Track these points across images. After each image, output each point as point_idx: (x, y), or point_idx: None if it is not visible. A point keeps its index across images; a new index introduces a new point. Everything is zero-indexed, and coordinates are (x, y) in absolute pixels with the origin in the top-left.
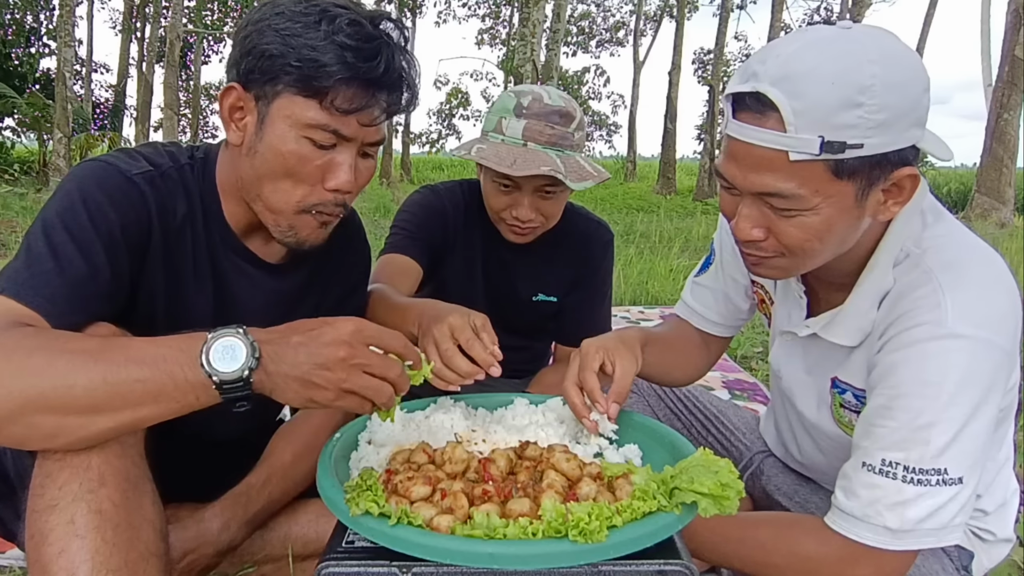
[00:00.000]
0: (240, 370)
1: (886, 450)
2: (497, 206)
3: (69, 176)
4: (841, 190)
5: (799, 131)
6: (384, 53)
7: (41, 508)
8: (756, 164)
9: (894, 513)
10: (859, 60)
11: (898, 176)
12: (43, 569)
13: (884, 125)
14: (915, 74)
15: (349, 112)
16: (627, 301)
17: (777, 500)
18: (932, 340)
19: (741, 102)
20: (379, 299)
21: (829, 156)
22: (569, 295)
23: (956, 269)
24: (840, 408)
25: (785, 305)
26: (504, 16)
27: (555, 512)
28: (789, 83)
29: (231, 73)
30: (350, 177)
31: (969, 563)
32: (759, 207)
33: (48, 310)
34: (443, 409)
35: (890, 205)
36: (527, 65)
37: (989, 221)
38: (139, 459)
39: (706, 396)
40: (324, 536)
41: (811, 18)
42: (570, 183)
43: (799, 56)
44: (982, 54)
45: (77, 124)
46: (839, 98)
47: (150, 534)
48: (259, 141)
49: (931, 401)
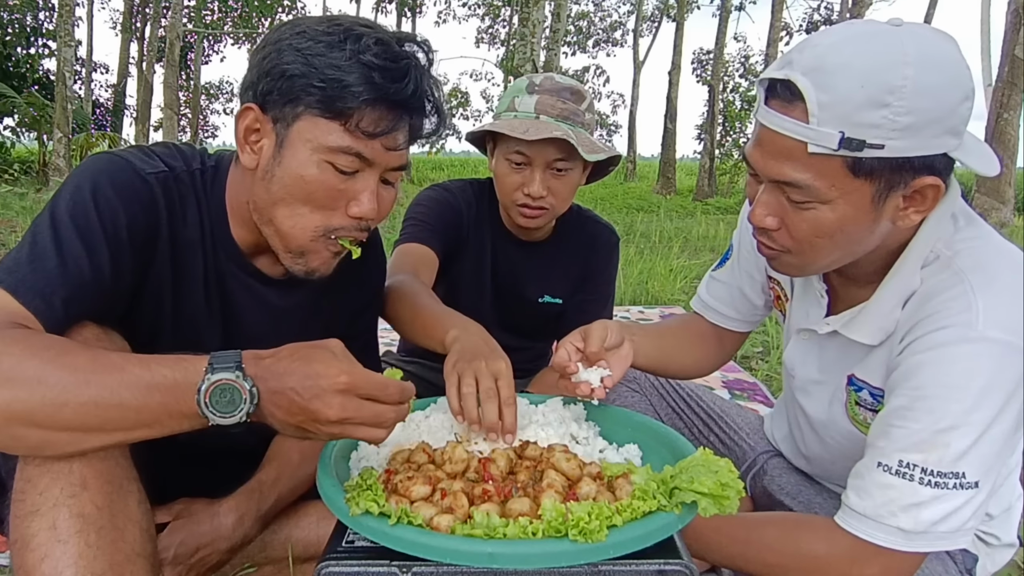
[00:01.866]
0: (238, 417)
1: (904, 451)
2: (510, 185)
3: (82, 168)
4: (858, 188)
5: (821, 124)
6: (412, 74)
7: (23, 514)
8: (777, 152)
9: (908, 515)
10: (894, 60)
11: (920, 184)
12: (27, 575)
13: (910, 129)
14: (954, 81)
15: (374, 136)
16: (627, 301)
17: (780, 500)
18: (961, 343)
19: (773, 89)
20: (406, 296)
21: (847, 153)
22: (574, 296)
23: (988, 272)
24: (855, 406)
25: (803, 303)
26: (504, 16)
27: (555, 512)
28: (820, 74)
29: (247, 95)
30: (373, 204)
31: (973, 566)
32: (777, 196)
33: (44, 312)
34: (443, 409)
35: (910, 212)
36: (527, 65)
37: (989, 221)
38: (123, 460)
39: (709, 395)
40: (325, 539)
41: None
42: (583, 152)
43: (836, 48)
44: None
45: (77, 124)
46: (866, 95)
47: (136, 535)
48: (277, 165)
49: (955, 404)
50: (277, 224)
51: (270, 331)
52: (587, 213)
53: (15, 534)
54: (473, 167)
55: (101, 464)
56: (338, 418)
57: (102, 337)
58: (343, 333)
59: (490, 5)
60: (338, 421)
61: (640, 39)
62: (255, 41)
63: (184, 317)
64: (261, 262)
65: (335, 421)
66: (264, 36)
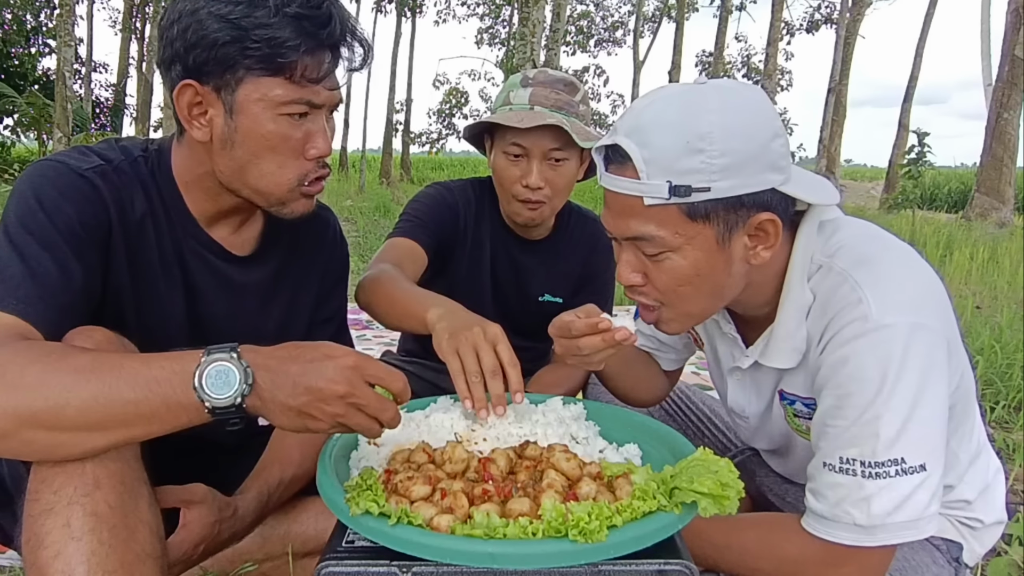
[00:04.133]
0: (232, 397)
1: (841, 448)
2: (508, 179)
3: (22, 178)
4: (700, 232)
5: (650, 177)
6: (335, 15)
7: (37, 512)
8: (621, 211)
9: (859, 509)
10: (698, 110)
11: (758, 220)
12: (40, 572)
13: (729, 169)
14: (760, 121)
15: (318, 80)
16: (627, 300)
17: (771, 500)
18: (862, 335)
19: (608, 156)
20: (385, 281)
21: (678, 200)
22: (575, 296)
23: (867, 264)
24: (795, 418)
25: (724, 345)
26: (504, 16)
27: (555, 512)
28: (639, 134)
29: (174, 70)
30: (327, 141)
31: (960, 554)
32: (634, 252)
33: (25, 311)
34: (443, 409)
35: (759, 250)
36: (527, 65)
37: (989, 221)
38: (135, 461)
39: (699, 396)
40: (324, 534)
41: (811, 17)
42: (577, 139)
43: (648, 109)
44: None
45: (77, 124)
46: (681, 145)
47: (146, 535)
48: (234, 131)
49: (874, 395)
50: (253, 184)
51: (231, 308)
52: (587, 212)
53: (28, 532)
54: (473, 167)
55: (113, 465)
56: (345, 392)
57: (113, 340)
58: (312, 316)
59: (490, 5)
60: (344, 397)
61: (640, 39)
62: None
63: (146, 302)
64: (220, 233)
65: (341, 396)
66: (170, 7)
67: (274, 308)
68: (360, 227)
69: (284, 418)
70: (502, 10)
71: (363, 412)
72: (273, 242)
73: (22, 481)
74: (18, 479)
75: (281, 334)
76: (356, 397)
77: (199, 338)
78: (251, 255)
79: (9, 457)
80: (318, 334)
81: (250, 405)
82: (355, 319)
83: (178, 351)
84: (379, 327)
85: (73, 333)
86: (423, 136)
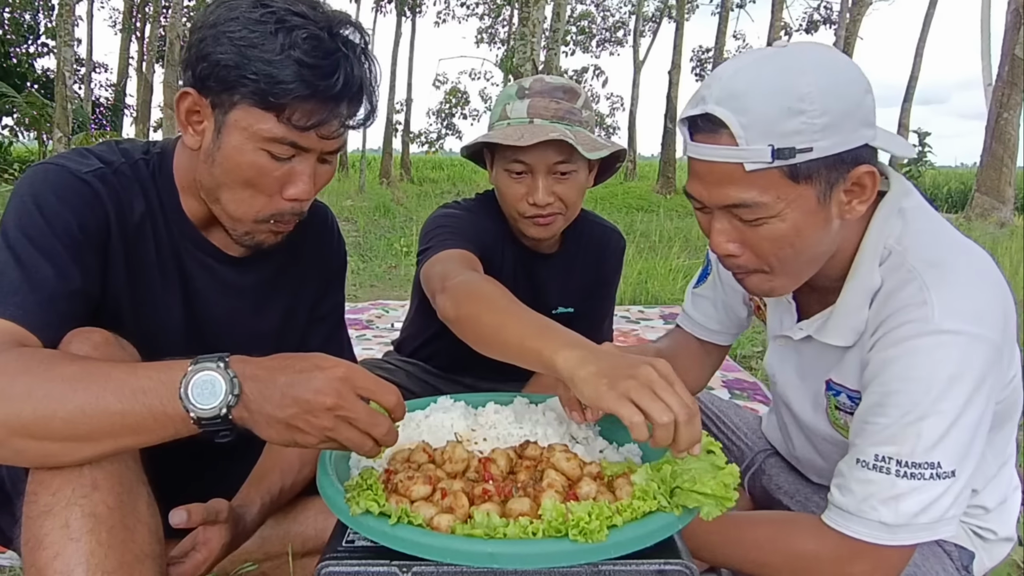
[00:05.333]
0: (218, 407)
1: (879, 445)
2: (513, 197)
3: (20, 182)
4: (802, 194)
5: (750, 143)
6: (343, 67)
7: (35, 514)
8: (718, 179)
9: (888, 508)
10: (793, 72)
11: (856, 174)
12: (39, 573)
13: (829, 127)
14: (851, 78)
15: (307, 128)
16: (627, 301)
17: (778, 499)
18: (920, 337)
19: (695, 125)
20: (491, 297)
21: (782, 162)
22: (583, 303)
23: (939, 266)
24: (835, 411)
25: (776, 311)
26: (504, 16)
27: (555, 512)
28: (734, 101)
29: (187, 75)
30: (309, 187)
31: (970, 563)
32: (729, 220)
33: (22, 317)
34: (443, 409)
35: (855, 204)
36: (527, 64)
37: (989, 221)
38: (133, 462)
39: (706, 396)
40: (323, 534)
41: (811, 16)
42: (583, 151)
43: (739, 75)
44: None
45: (77, 124)
46: (781, 108)
47: (145, 536)
48: (217, 150)
49: (921, 396)
50: (223, 205)
51: (229, 310)
52: (593, 217)
53: (27, 534)
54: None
55: (111, 466)
56: (333, 404)
57: (111, 341)
58: (307, 317)
59: (490, 5)
60: (332, 409)
61: (640, 39)
62: None
63: (143, 304)
64: (216, 236)
65: (329, 408)
66: (203, 13)
67: (271, 310)
68: (360, 227)
69: (272, 431)
70: (502, 10)
71: (354, 427)
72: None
73: (21, 483)
74: (17, 480)
75: (279, 335)
76: (345, 410)
77: (196, 340)
78: (248, 257)
79: (3, 463)
80: (314, 332)
81: (237, 416)
82: (355, 319)
83: (167, 360)
84: (379, 327)
85: (72, 335)
86: (423, 136)
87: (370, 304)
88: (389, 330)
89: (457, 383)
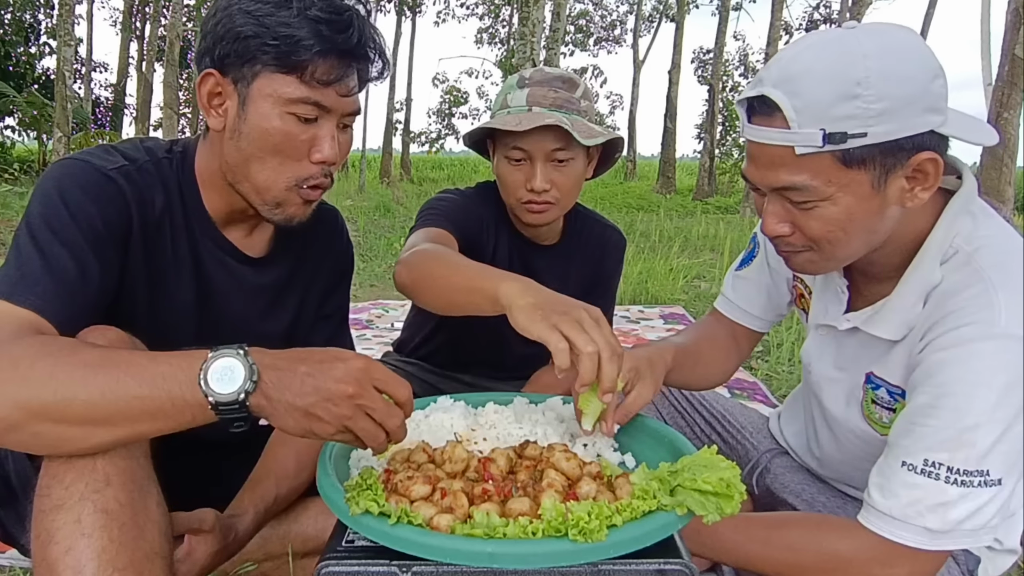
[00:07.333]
0: (236, 392)
1: (930, 450)
2: (513, 184)
3: (46, 175)
4: (854, 178)
5: (802, 126)
6: (356, 24)
7: (47, 508)
8: (770, 162)
9: (936, 514)
10: (853, 56)
11: (917, 161)
12: (50, 568)
13: (886, 113)
14: (919, 63)
15: (328, 83)
16: (627, 300)
17: (784, 499)
18: (983, 340)
19: (752, 107)
20: (437, 256)
21: (833, 147)
22: (581, 299)
23: (1008, 270)
24: (871, 404)
25: (823, 299)
26: (503, 16)
27: (555, 511)
28: (789, 83)
29: (204, 62)
30: (334, 148)
31: (976, 568)
32: (781, 203)
33: (42, 307)
34: (443, 408)
35: (917, 192)
36: (527, 64)
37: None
38: (144, 461)
39: (711, 395)
40: (324, 534)
41: (811, 16)
42: (579, 137)
43: (797, 58)
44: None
45: (77, 123)
46: (835, 92)
47: (155, 534)
48: (243, 122)
49: (980, 401)
50: (252, 179)
51: (244, 308)
52: (594, 215)
53: (38, 528)
54: (473, 167)
55: (123, 463)
56: (354, 392)
57: (125, 340)
58: (316, 313)
59: (490, 5)
60: (352, 397)
61: (639, 39)
62: None
63: (158, 301)
64: (235, 235)
65: (350, 396)
66: (212, 6)
67: (283, 309)
68: (360, 227)
69: (289, 419)
70: (502, 10)
71: (370, 417)
72: (285, 245)
73: (28, 480)
74: (24, 478)
75: (289, 335)
76: (364, 399)
77: (209, 338)
78: (264, 257)
79: (18, 449)
80: (319, 330)
81: (255, 404)
82: (355, 319)
83: (187, 350)
84: (379, 327)
85: (86, 332)
86: (423, 136)
87: (370, 304)
88: (389, 330)
89: (456, 380)
